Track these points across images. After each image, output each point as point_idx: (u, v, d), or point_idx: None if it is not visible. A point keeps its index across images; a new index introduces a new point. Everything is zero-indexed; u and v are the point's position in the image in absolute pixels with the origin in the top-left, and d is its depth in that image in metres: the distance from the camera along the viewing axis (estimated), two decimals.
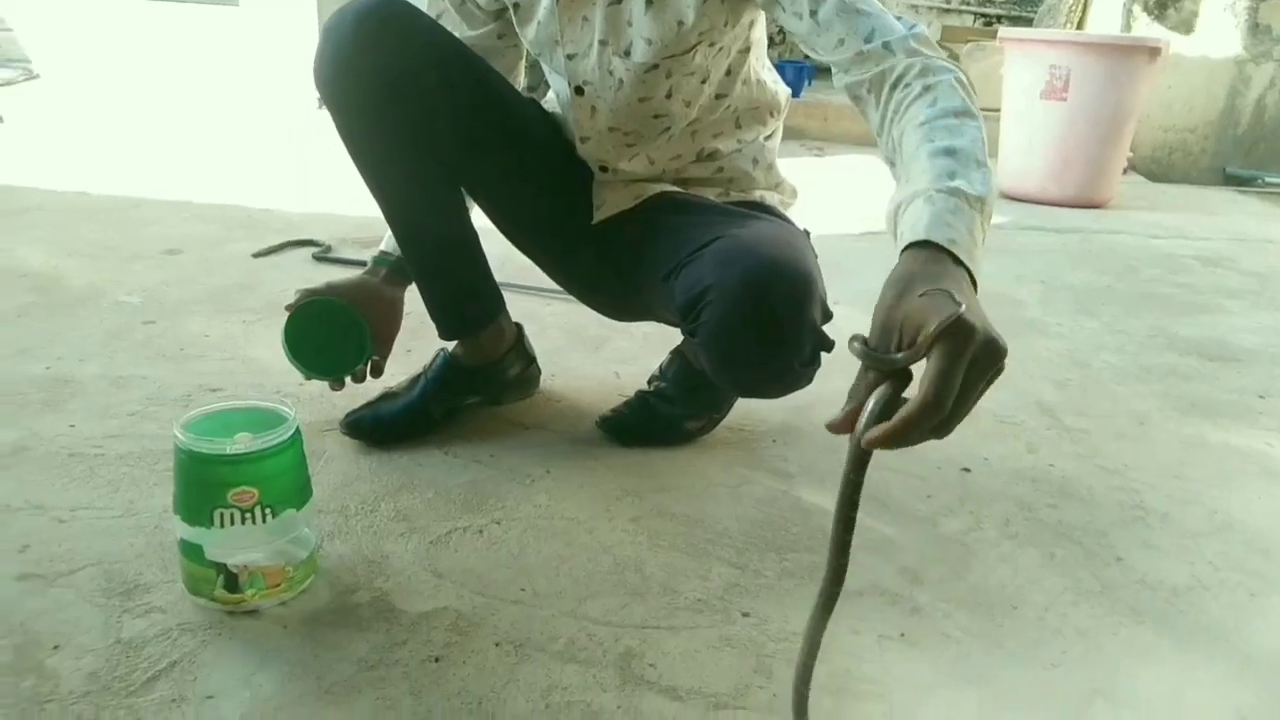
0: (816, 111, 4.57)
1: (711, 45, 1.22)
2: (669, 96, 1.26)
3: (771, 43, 5.85)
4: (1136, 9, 4.23)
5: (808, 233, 1.37)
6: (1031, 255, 2.74)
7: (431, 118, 1.25)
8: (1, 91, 3.00)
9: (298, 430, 1.01)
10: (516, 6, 1.28)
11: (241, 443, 0.97)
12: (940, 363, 0.65)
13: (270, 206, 2.65)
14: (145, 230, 2.38)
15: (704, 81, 1.27)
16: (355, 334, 1.36)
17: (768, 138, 1.40)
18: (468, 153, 1.32)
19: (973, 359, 0.66)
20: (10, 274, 1.98)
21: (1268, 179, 4.23)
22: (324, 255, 2.21)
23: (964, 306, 0.66)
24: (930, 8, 5.92)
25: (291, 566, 1.02)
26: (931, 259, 0.74)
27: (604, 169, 1.36)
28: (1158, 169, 4.37)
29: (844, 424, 0.70)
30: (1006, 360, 0.69)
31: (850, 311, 2.20)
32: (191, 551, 0.99)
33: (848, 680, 0.96)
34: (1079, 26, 4.66)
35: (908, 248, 0.76)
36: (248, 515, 0.97)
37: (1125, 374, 1.87)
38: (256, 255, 2.21)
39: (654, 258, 1.28)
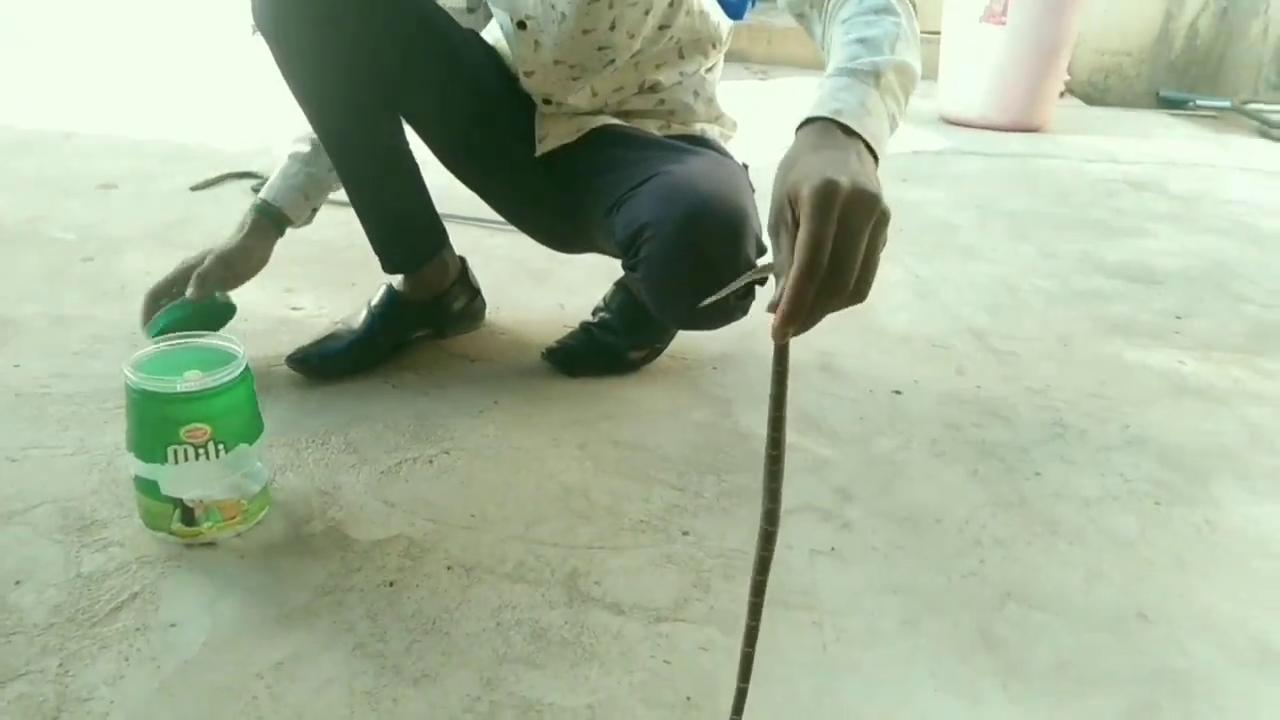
0: (760, 34, 4.55)
1: None
2: (612, 28, 1.27)
3: None
4: None
5: (746, 166, 1.40)
6: (969, 181, 2.80)
7: (370, 45, 1.25)
8: None
9: (247, 367, 1.04)
10: None
11: (193, 380, 0.99)
12: (806, 224, 0.62)
13: (206, 139, 2.61)
14: (77, 164, 2.33)
15: (647, 12, 1.28)
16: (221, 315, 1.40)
17: (709, 70, 1.42)
18: (408, 82, 1.32)
19: (843, 212, 0.62)
20: None
21: (1199, 101, 4.32)
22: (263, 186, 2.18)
23: (830, 168, 0.65)
24: None
25: (246, 499, 1.05)
26: (817, 132, 0.73)
27: (547, 101, 1.38)
28: (1094, 92, 4.44)
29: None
30: (889, 210, 0.66)
31: None
32: (147, 487, 1.01)
33: (780, 593, 1.02)
34: None
35: (798, 128, 0.76)
36: (201, 451, 1.00)
37: (1054, 298, 1.94)
38: (194, 188, 2.18)
39: (596, 191, 1.30)
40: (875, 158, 0.73)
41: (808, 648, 0.95)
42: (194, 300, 1.34)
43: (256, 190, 2.18)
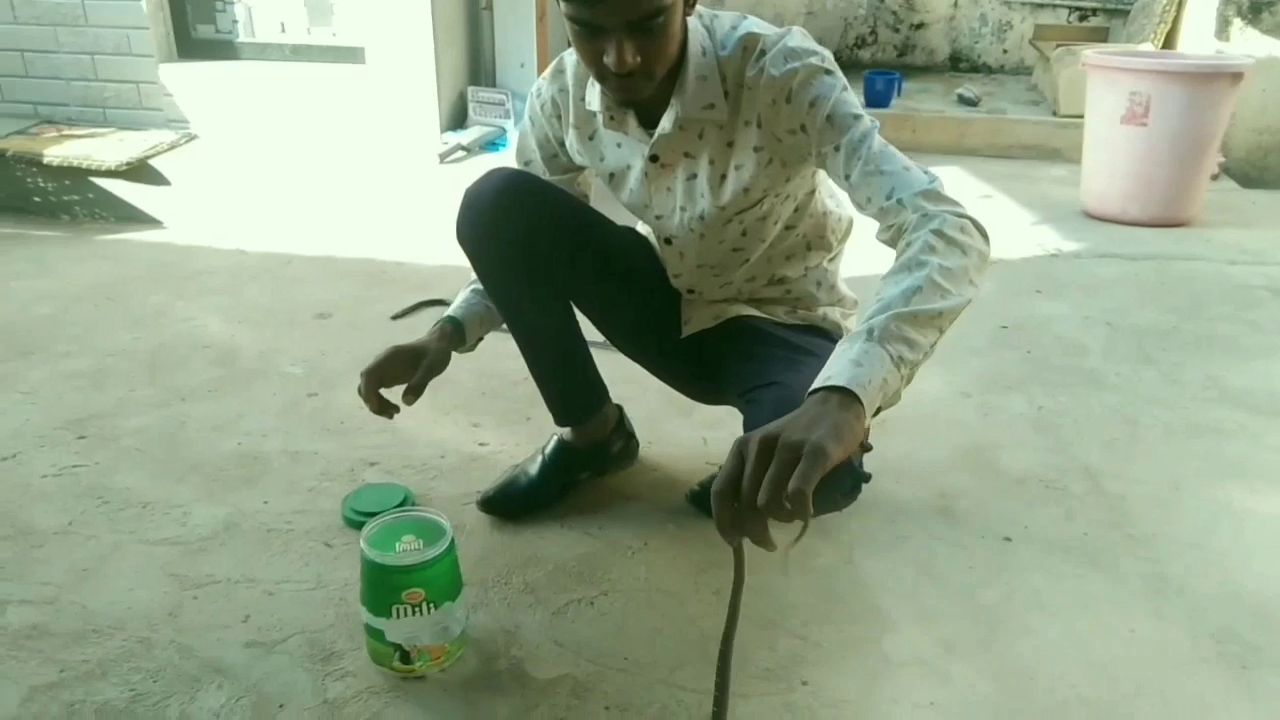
0: (905, 122, 4.69)
1: (777, 196, 1.47)
2: (744, 234, 1.51)
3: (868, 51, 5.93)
4: (1230, 13, 4.22)
5: None
6: (1103, 290, 2.89)
7: (551, 265, 1.53)
8: (168, 155, 3.39)
9: (452, 540, 1.31)
10: (612, 175, 1.54)
11: (412, 553, 1.27)
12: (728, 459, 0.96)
13: (403, 260, 2.99)
14: (297, 291, 2.74)
15: (775, 222, 1.51)
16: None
17: (830, 260, 1.64)
18: (579, 287, 1.60)
19: (757, 451, 0.93)
20: (198, 345, 2.36)
21: None
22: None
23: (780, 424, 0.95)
24: (1024, 3, 5.92)
25: (449, 643, 1.33)
26: (814, 400, 1.00)
27: (690, 291, 1.63)
28: (1253, 172, 4.38)
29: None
30: (821, 451, 0.91)
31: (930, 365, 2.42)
32: (375, 634, 1.30)
33: None
34: (1172, 26, 4.66)
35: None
36: (417, 609, 1.28)
37: (1172, 432, 2.04)
38: (394, 318, 2.54)
39: (730, 375, 1.54)
40: (862, 399, 0.99)
41: None
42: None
43: None
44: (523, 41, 3.71)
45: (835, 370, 1.02)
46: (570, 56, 1.49)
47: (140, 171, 3.34)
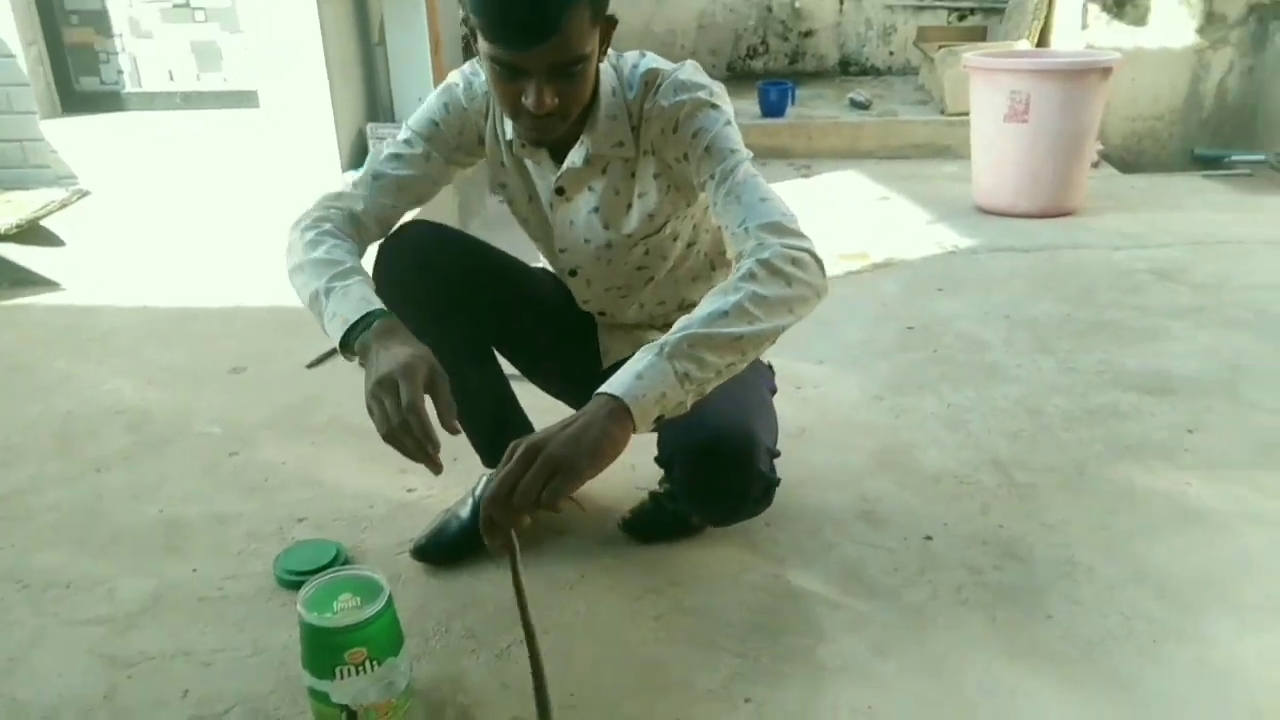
0: (801, 130, 4.82)
1: (679, 218, 1.52)
2: (647, 254, 1.56)
3: (764, 70, 6.07)
4: (1094, 8, 4.45)
5: (770, 367, 1.67)
6: (999, 285, 3.01)
7: (473, 311, 1.56)
8: (59, 214, 3.30)
9: (389, 595, 1.32)
10: (513, 201, 1.57)
11: (350, 613, 1.28)
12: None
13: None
14: (207, 346, 2.69)
15: (674, 238, 1.56)
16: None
17: None
18: (500, 330, 1.63)
19: (519, 457, 1.07)
20: (109, 412, 2.30)
21: (1234, 157, 4.45)
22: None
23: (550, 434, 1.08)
24: (905, 6, 6.12)
25: (395, 697, 1.33)
26: (591, 406, 1.10)
27: (602, 314, 1.67)
28: (1129, 157, 4.61)
29: None
30: (570, 466, 1.06)
31: (831, 371, 2.50)
32: (320, 697, 1.30)
33: None
34: (1045, 22, 4.87)
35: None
36: (360, 668, 1.28)
37: (1072, 418, 2.15)
38: (310, 365, 2.52)
39: None
40: (632, 416, 1.08)
41: None
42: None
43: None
44: (419, 74, 3.71)
45: (617, 381, 1.10)
46: None
47: (32, 233, 3.23)
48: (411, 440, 1.21)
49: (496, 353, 1.69)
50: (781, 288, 1.19)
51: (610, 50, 1.40)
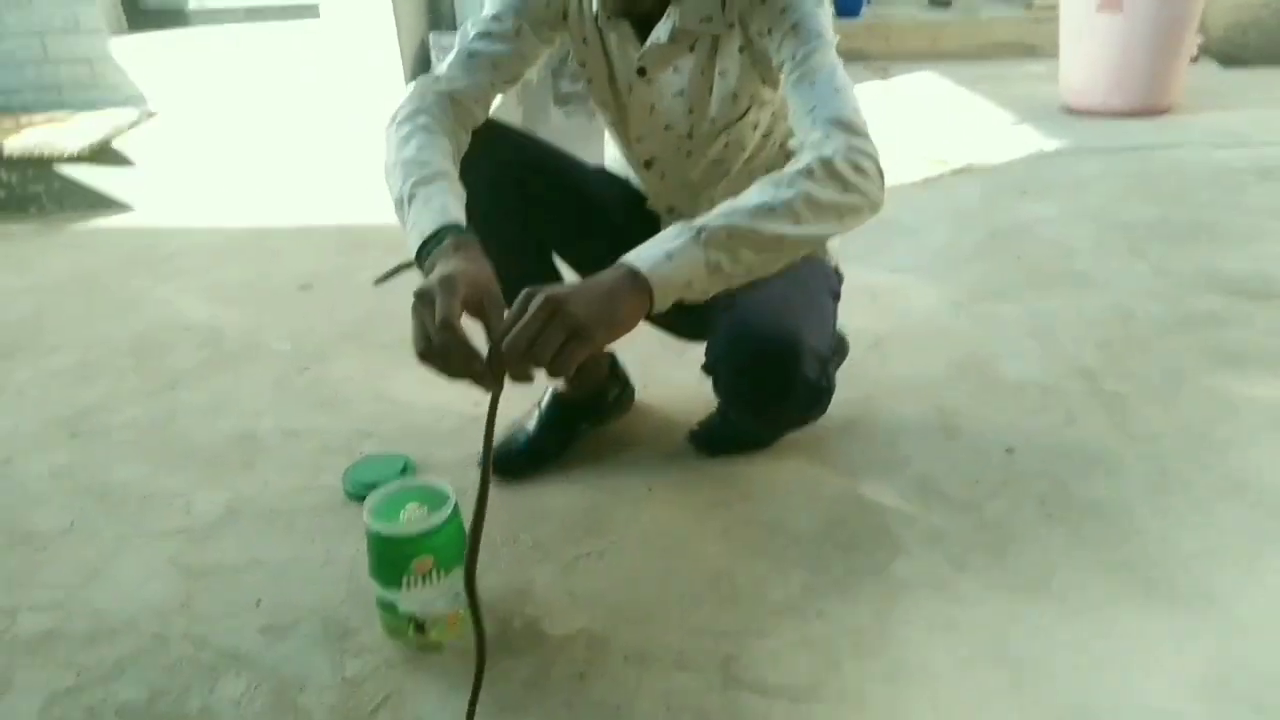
0: (879, 30, 4.60)
1: (759, 105, 1.44)
2: (726, 146, 1.48)
3: None
4: None
5: (837, 271, 1.59)
6: (1087, 188, 2.85)
7: (525, 204, 1.50)
8: (128, 135, 3.32)
9: (456, 505, 1.31)
10: (590, 81, 1.50)
11: (418, 522, 1.27)
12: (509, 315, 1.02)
13: (379, 222, 2.93)
14: (276, 264, 2.70)
15: (754, 128, 1.48)
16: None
17: None
18: (553, 230, 1.57)
19: (536, 310, 0.99)
20: (179, 329, 2.33)
21: None
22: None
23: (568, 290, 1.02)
24: None
25: (462, 608, 1.33)
26: (613, 273, 1.05)
27: (670, 210, 1.61)
28: (1233, 49, 4.31)
29: None
30: (587, 334, 1.00)
31: (908, 279, 2.40)
32: (388, 607, 1.30)
33: (901, 669, 1.23)
34: None
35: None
36: (427, 578, 1.27)
37: (1166, 325, 2.03)
38: (377, 282, 2.51)
39: (708, 315, 1.51)
40: (652, 296, 1.03)
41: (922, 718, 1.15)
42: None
43: None
44: None
45: (646, 254, 1.05)
46: None
47: (103, 155, 3.26)
48: (445, 359, 1.05)
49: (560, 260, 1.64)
50: (837, 192, 1.11)
51: None
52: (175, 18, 3.63)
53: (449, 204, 1.19)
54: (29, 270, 2.81)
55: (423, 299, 1.06)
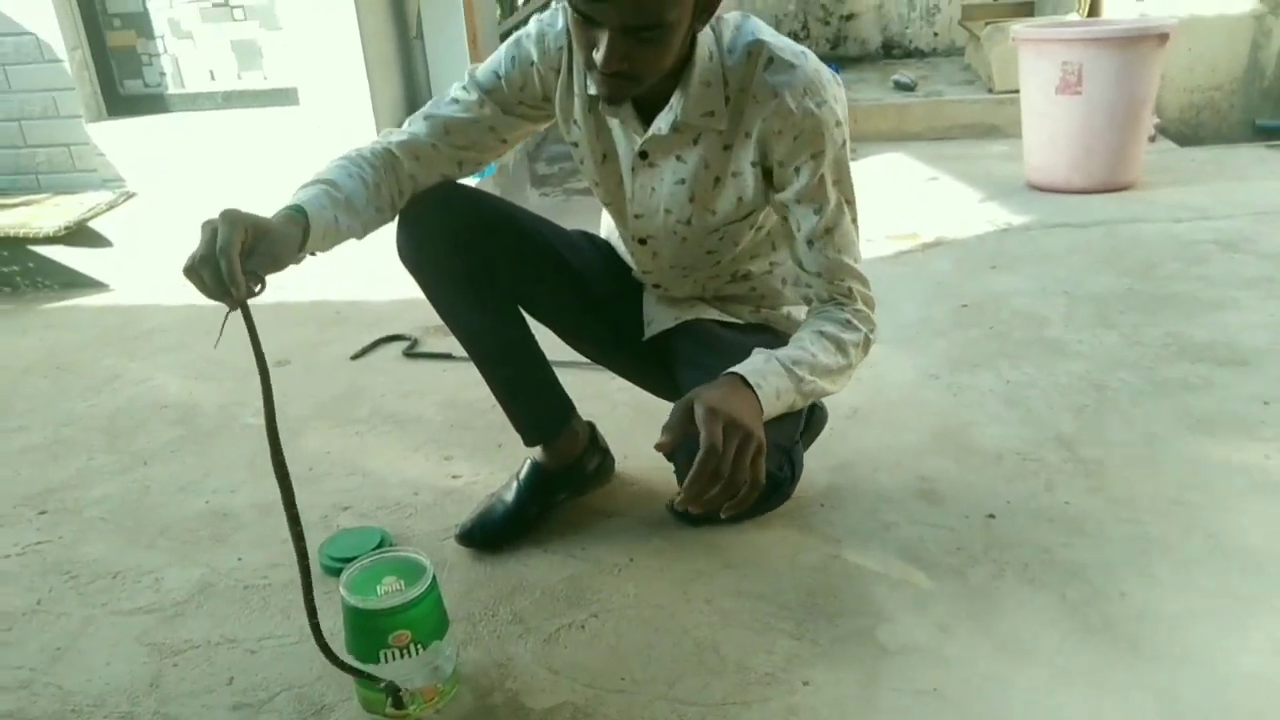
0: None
1: (763, 209, 1.47)
2: (722, 239, 1.50)
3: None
4: None
5: None
6: (1056, 260, 2.91)
7: (492, 267, 1.52)
8: (107, 216, 3.32)
9: (434, 577, 1.28)
10: (583, 161, 1.51)
11: (394, 595, 1.24)
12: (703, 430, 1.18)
13: (356, 298, 2.95)
14: None
15: (752, 227, 1.50)
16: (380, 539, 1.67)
17: None
18: (526, 290, 1.59)
19: (724, 435, 1.18)
20: (156, 406, 2.31)
21: None
22: (412, 351, 2.49)
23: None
24: None
25: (441, 683, 1.30)
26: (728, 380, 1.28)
27: (657, 286, 1.62)
28: (1188, 130, 4.46)
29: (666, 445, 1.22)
30: (760, 440, 1.22)
31: (885, 350, 2.41)
32: (364, 681, 1.27)
33: None
34: None
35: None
36: (405, 651, 1.24)
37: (1140, 392, 2.06)
38: (354, 358, 2.50)
39: (681, 381, 1.52)
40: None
41: None
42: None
43: (407, 355, 2.49)
44: (457, 68, 3.68)
45: (762, 377, 1.29)
46: None
47: (80, 235, 3.27)
48: (212, 275, 1.17)
49: (529, 316, 1.64)
50: (863, 357, 1.43)
51: None
52: (154, 103, 3.67)
53: (304, 193, 1.36)
54: (0, 348, 2.78)
55: (204, 226, 1.20)
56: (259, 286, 1.21)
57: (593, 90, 1.35)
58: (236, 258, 1.15)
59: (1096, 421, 1.96)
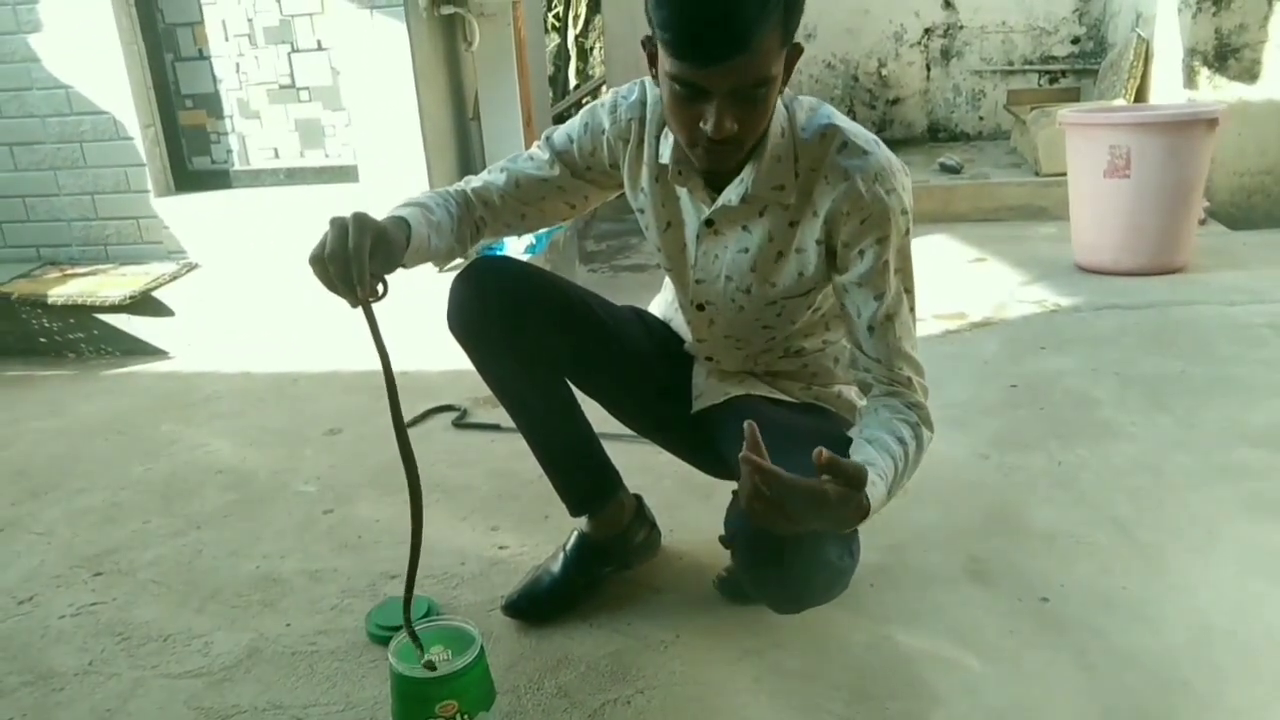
0: None
1: (822, 289, 1.47)
2: (779, 315, 1.51)
3: None
4: (1197, 63, 4.33)
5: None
6: (1106, 342, 2.89)
7: (541, 341, 1.53)
8: (170, 286, 3.43)
9: (482, 648, 1.28)
10: (649, 226, 1.54)
11: (443, 666, 1.24)
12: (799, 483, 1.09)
13: (409, 368, 2.98)
14: (306, 408, 2.74)
15: (809, 307, 1.51)
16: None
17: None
18: (576, 365, 1.60)
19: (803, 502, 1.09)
20: (210, 470, 2.35)
21: None
22: (462, 421, 2.53)
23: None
24: (994, 71, 6.08)
25: None
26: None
27: (709, 359, 1.63)
28: (1238, 214, 4.43)
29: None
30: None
31: (937, 429, 2.38)
32: None
33: None
34: (1141, 80, 4.77)
35: None
36: None
37: (1196, 476, 2.02)
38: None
39: (730, 457, 1.51)
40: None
41: None
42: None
43: (457, 425, 2.52)
44: (511, 148, 3.79)
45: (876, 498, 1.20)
46: (652, 92, 1.47)
47: (144, 304, 3.37)
48: (340, 273, 1.28)
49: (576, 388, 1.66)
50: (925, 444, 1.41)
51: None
52: (220, 179, 3.81)
53: (402, 209, 1.43)
54: (63, 413, 2.86)
55: (334, 224, 1.29)
56: (382, 289, 1.32)
57: (666, 160, 1.41)
58: (367, 261, 1.26)
59: (1153, 505, 1.92)
